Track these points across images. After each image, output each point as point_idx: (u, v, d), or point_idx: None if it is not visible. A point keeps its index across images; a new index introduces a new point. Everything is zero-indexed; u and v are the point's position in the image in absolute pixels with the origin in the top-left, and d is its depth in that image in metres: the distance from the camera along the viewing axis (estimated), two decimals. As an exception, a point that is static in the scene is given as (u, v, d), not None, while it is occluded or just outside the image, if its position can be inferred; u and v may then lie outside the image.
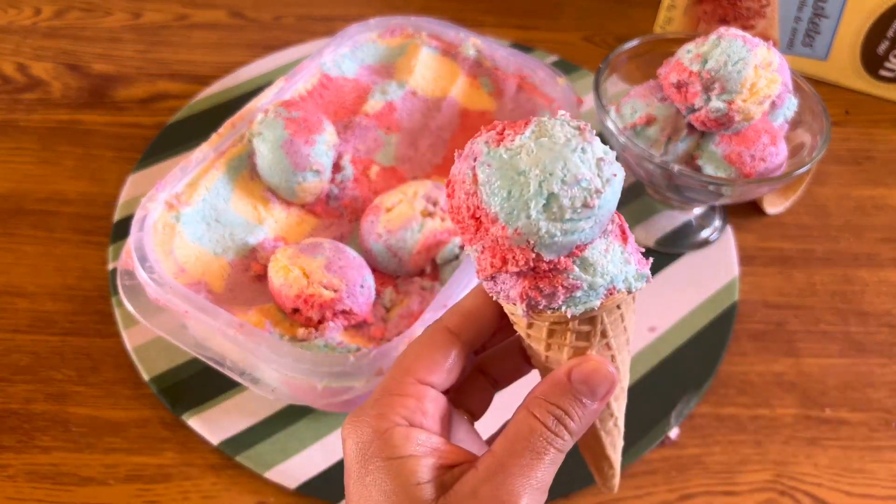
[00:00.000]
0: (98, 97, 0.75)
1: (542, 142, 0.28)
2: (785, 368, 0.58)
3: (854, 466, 0.53)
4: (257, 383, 0.48)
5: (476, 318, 0.34)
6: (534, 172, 0.28)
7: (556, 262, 0.29)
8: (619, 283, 0.30)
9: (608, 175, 0.28)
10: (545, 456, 0.30)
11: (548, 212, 0.28)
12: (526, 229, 0.28)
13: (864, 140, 0.77)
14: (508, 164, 0.28)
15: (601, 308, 0.30)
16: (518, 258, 0.29)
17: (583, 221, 0.28)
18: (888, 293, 0.64)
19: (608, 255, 0.30)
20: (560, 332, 0.31)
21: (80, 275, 0.60)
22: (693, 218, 0.67)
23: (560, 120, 0.29)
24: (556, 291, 0.29)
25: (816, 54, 0.81)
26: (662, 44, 0.62)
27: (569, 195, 0.28)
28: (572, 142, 0.28)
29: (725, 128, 0.54)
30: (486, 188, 0.28)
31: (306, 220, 0.59)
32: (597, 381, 0.31)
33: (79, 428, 0.52)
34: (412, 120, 0.67)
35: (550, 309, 0.30)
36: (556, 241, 0.28)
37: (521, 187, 0.28)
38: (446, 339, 0.34)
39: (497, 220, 0.28)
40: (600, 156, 0.29)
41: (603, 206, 0.28)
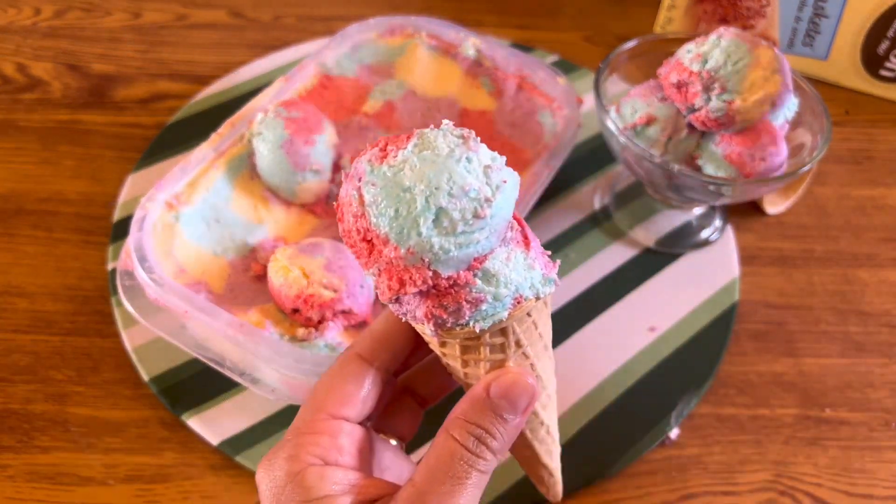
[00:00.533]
0: (98, 97, 0.75)
1: (424, 155, 0.27)
2: (785, 368, 0.58)
3: (854, 466, 0.53)
4: (257, 383, 0.48)
5: (388, 341, 0.33)
6: (419, 188, 0.27)
7: (455, 277, 0.28)
8: (525, 290, 0.30)
9: (497, 182, 0.28)
10: (467, 480, 0.29)
11: (438, 227, 0.27)
12: (419, 247, 0.27)
13: (865, 140, 0.77)
14: (393, 182, 0.27)
15: (510, 318, 0.30)
16: (415, 278, 0.28)
17: (476, 233, 0.27)
18: (888, 293, 0.64)
19: (510, 263, 0.29)
20: (474, 347, 0.30)
21: (80, 275, 0.60)
22: (693, 218, 0.67)
23: (443, 130, 0.28)
24: (461, 307, 0.29)
25: (817, 54, 0.81)
26: (663, 44, 0.62)
27: (458, 207, 0.27)
28: (456, 152, 0.27)
29: (726, 128, 0.54)
30: (373, 209, 0.27)
31: (306, 219, 0.59)
32: (516, 394, 0.30)
33: (79, 428, 0.52)
34: (412, 120, 0.67)
35: (459, 325, 0.29)
36: (451, 255, 0.27)
37: (408, 204, 0.27)
38: (358, 367, 0.33)
39: (388, 240, 0.27)
40: (487, 163, 0.28)
41: (496, 214, 0.28)
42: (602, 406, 0.54)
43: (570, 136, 0.60)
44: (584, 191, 0.68)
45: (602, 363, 0.56)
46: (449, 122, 0.29)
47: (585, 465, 0.51)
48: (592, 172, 0.70)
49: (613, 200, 0.67)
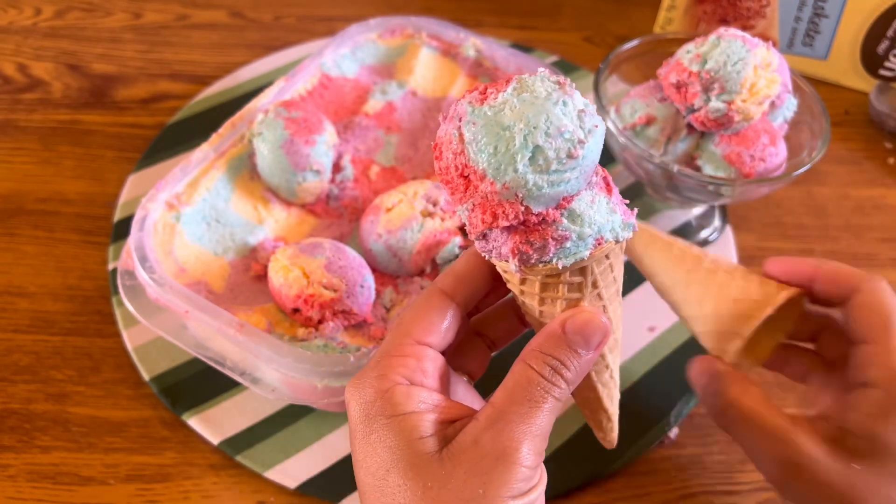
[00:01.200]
0: (98, 97, 0.75)
1: (524, 97, 0.29)
2: (784, 368, 0.58)
3: (853, 466, 0.53)
4: (257, 383, 0.48)
5: (469, 279, 0.35)
6: (518, 127, 0.28)
7: (544, 214, 0.30)
8: (606, 232, 0.31)
9: (590, 126, 0.29)
10: (544, 404, 0.31)
11: (534, 164, 0.28)
12: (514, 183, 0.29)
13: (864, 140, 0.77)
14: (493, 121, 0.29)
15: (591, 258, 0.31)
16: (508, 212, 0.29)
17: (568, 172, 0.29)
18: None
19: (594, 205, 0.31)
20: (552, 285, 0.32)
21: (81, 275, 0.60)
22: (693, 218, 0.67)
23: (540, 76, 0.30)
24: (547, 244, 0.30)
25: (816, 54, 0.81)
26: (662, 44, 0.62)
27: (553, 147, 0.28)
28: (553, 95, 0.29)
29: (725, 128, 0.54)
30: (472, 146, 0.29)
31: (306, 220, 0.59)
32: (590, 331, 0.32)
33: (79, 428, 0.52)
34: (412, 120, 0.67)
35: (542, 262, 0.31)
36: (543, 192, 0.29)
37: (507, 142, 0.28)
38: (441, 300, 0.35)
39: (485, 176, 0.29)
40: (581, 108, 0.29)
41: (587, 156, 0.29)
42: (602, 406, 0.54)
43: (570, 137, 0.60)
44: (583, 191, 0.68)
45: (602, 363, 0.57)
46: (544, 69, 0.30)
47: (585, 464, 0.51)
48: (592, 172, 0.70)
49: (613, 200, 0.67)
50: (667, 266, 0.45)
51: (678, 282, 0.44)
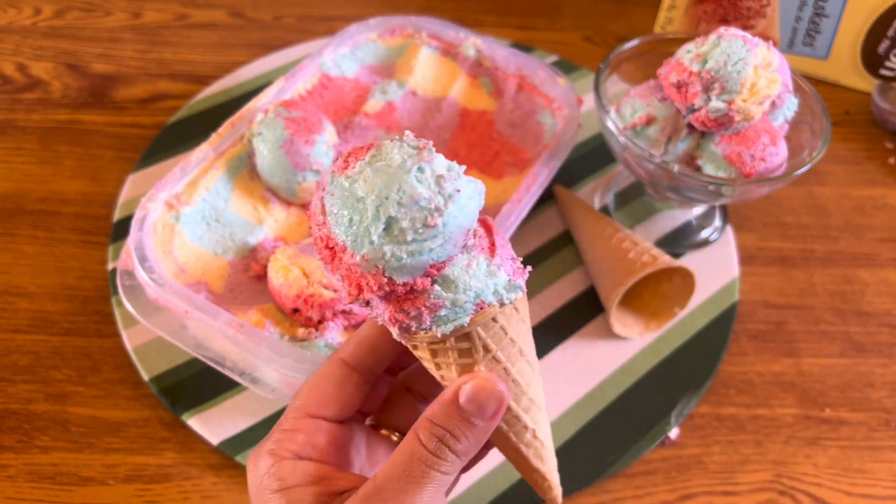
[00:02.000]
0: (98, 97, 0.75)
1: (377, 166, 0.28)
2: (785, 368, 0.58)
3: (854, 466, 0.53)
4: (257, 383, 0.48)
5: (372, 345, 0.35)
6: (370, 198, 0.28)
7: (412, 283, 0.29)
8: (487, 296, 0.30)
9: (450, 191, 0.28)
10: (424, 481, 0.30)
11: (389, 235, 0.28)
12: (371, 255, 0.28)
13: (865, 140, 0.77)
14: (348, 192, 0.28)
15: (472, 324, 0.30)
16: (371, 284, 0.29)
17: (428, 241, 0.28)
18: (888, 293, 0.64)
19: (471, 269, 0.30)
20: (441, 350, 0.31)
21: (80, 275, 0.60)
22: (693, 218, 0.67)
23: (400, 142, 0.29)
24: (421, 312, 0.30)
25: (817, 54, 0.81)
26: (663, 44, 0.62)
27: (408, 217, 0.28)
28: (408, 162, 0.28)
29: (725, 128, 0.54)
30: (332, 217, 0.29)
31: (306, 220, 0.59)
32: (483, 399, 0.30)
33: (79, 428, 0.52)
34: (412, 120, 0.67)
35: (422, 330, 0.30)
36: (404, 263, 0.28)
37: (361, 213, 0.28)
38: (340, 371, 0.34)
39: (346, 248, 0.29)
40: (441, 173, 0.29)
41: (449, 222, 0.28)
42: (602, 406, 0.54)
43: (570, 136, 0.60)
44: (584, 191, 0.68)
45: (601, 363, 0.57)
46: (410, 133, 0.30)
47: (585, 465, 0.51)
48: (592, 172, 0.70)
49: (614, 200, 0.67)
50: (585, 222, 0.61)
51: (590, 236, 0.60)
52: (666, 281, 0.59)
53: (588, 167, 0.70)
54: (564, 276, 0.62)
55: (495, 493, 0.49)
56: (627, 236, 0.58)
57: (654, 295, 0.59)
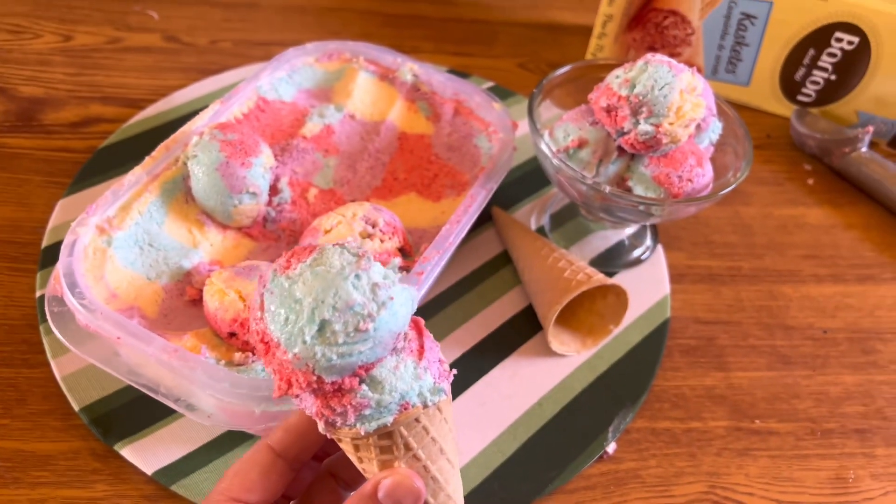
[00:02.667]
0: (26, 121, 0.73)
1: (317, 270, 0.30)
2: (716, 382, 0.60)
3: (783, 475, 0.55)
4: (193, 410, 0.47)
5: (300, 433, 0.36)
6: (307, 300, 0.29)
7: (340, 382, 0.30)
8: (412, 398, 0.32)
9: (384, 299, 0.30)
10: None
11: (322, 337, 0.29)
12: (303, 354, 0.29)
13: (785, 162, 0.81)
14: (287, 292, 0.30)
15: (395, 423, 0.32)
16: (300, 381, 0.30)
17: (359, 344, 0.30)
18: (810, 307, 0.66)
19: (398, 371, 0.31)
20: (364, 446, 0.33)
21: (6, 303, 0.58)
22: (626, 238, 0.68)
23: (342, 248, 0.31)
24: (346, 410, 0.31)
25: (739, 80, 0.84)
26: (593, 69, 0.64)
27: (341, 321, 0.29)
28: (346, 269, 0.30)
29: (654, 150, 0.56)
30: (269, 314, 0.30)
31: (243, 243, 0.59)
32: (400, 495, 0.32)
33: (4, 462, 0.50)
34: (350, 143, 0.67)
35: (346, 426, 0.31)
36: (333, 364, 0.30)
37: (297, 314, 0.29)
38: (266, 457, 0.35)
39: (280, 344, 0.30)
40: (376, 281, 0.30)
41: (380, 327, 0.30)
42: (542, 423, 0.55)
43: (506, 159, 0.62)
44: (521, 212, 0.70)
45: (540, 380, 0.57)
46: (351, 240, 0.32)
47: (525, 483, 0.52)
48: (529, 195, 0.71)
49: (549, 221, 0.69)
50: (522, 242, 0.63)
51: (527, 256, 0.62)
52: (601, 299, 0.60)
53: (524, 189, 0.72)
54: (503, 295, 0.63)
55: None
56: (563, 256, 0.60)
57: (589, 313, 0.61)
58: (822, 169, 0.81)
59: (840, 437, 0.58)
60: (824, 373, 0.62)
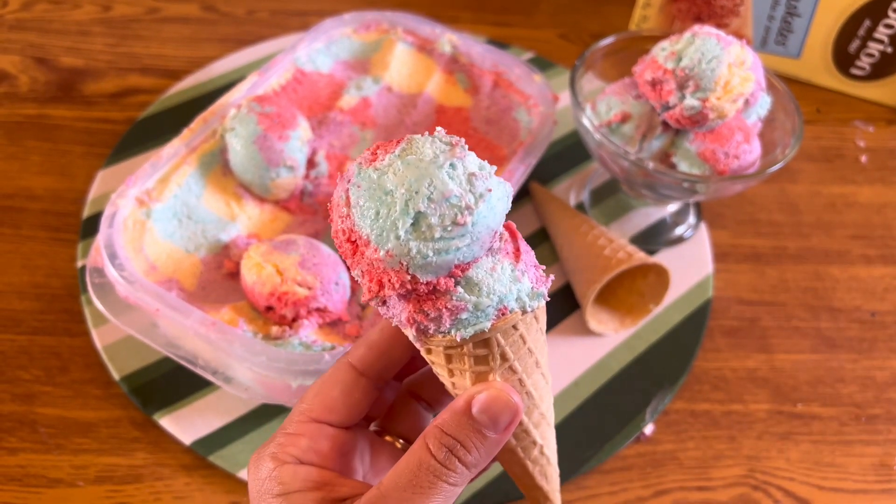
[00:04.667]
0: (66, 91, 0.73)
1: (408, 160, 0.27)
2: (758, 364, 0.59)
3: (825, 460, 0.54)
4: (230, 382, 0.47)
5: (383, 350, 0.34)
6: (400, 191, 0.27)
7: (435, 283, 0.28)
8: (510, 302, 0.29)
9: (481, 190, 0.28)
10: (431, 491, 0.29)
11: (416, 231, 0.27)
12: (397, 250, 0.27)
13: (835, 138, 0.78)
14: (377, 184, 0.27)
15: (493, 329, 0.29)
16: (393, 281, 0.28)
17: (456, 240, 0.27)
18: (858, 289, 0.64)
19: (495, 273, 0.29)
20: (457, 356, 0.30)
21: (49, 272, 0.59)
22: (668, 215, 0.67)
23: (431, 137, 0.29)
24: (442, 314, 0.29)
25: (789, 52, 0.81)
26: (638, 41, 0.62)
27: (437, 213, 0.27)
28: (440, 158, 0.28)
29: (700, 125, 0.54)
30: (357, 210, 0.28)
31: (280, 216, 0.58)
32: (497, 410, 0.30)
33: (47, 429, 0.51)
34: (387, 116, 0.66)
35: (440, 333, 0.29)
36: (429, 261, 0.27)
37: (389, 207, 0.27)
38: (348, 375, 0.33)
39: (369, 242, 0.28)
40: (472, 171, 0.28)
41: (478, 222, 0.28)
42: (578, 402, 0.54)
43: (546, 134, 0.60)
44: (559, 188, 0.68)
45: (577, 359, 0.57)
46: (442, 129, 0.29)
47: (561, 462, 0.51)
48: (568, 170, 0.70)
49: (589, 197, 0.68)
50: (561, 219, 0.62)
51: (566, 233, 0.61)
52: (641, 278, 0.59)
53: (564, 164, 0.70)
54: (540, 273, 0.62)
55: (471, 489, 0.49)
56: (603, 233, 0.58)
57: (629, 292, 0.60)
58: (876, 145, 0.78)
59: (886, 423, 0.56)
60: (871, 357, 0.60)
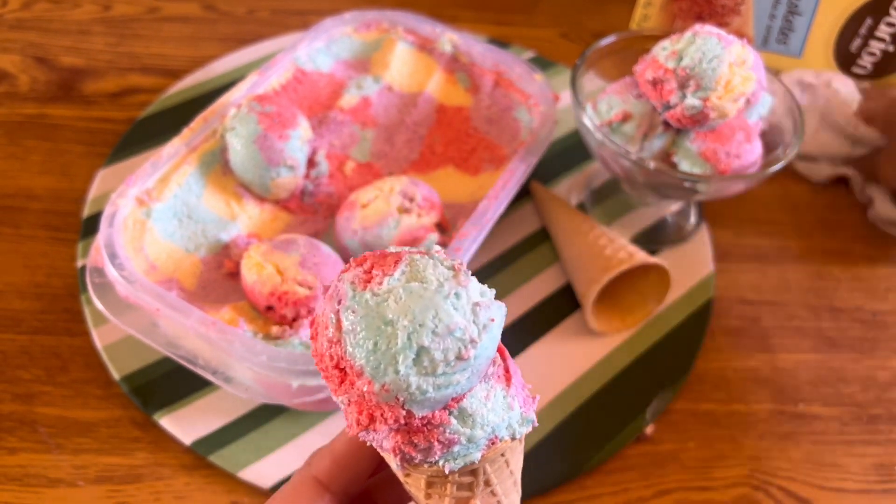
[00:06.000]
0: (66, 91, 0.73)
1: (411, 287, 0.26)
2: (759, 364, 0.59)
3: (827, 461, 0.54)
4: (230, 382, 0.47)
5: (350, 463, 0.31)
6: (402, 323, 0.25)
7: (430, 416, 0.26)
8: (501, 431, 0.28)
9: (485, 321, 0.26)
10: None
11: (418, 366, 0.25)
12: (394, 385, 0.25)
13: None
14: (375, 312, 0.25)
15: (483, 460, 0.28)
16: (387, 416, 0.26)
17: (458, 374, 0.26)
18: (859, 289, 0.64)
19: (489, 402, 0.28)
20: (440, 483, 0.29)
21: (49, 272, 0.59)
22: (669, 215, 0.67)
23: (433, 259, 0.27)
24: (432, 446, 0.27)
25: (791, 51, 0.81)
26: (639, 41, 0.62)
27: (441, 348, 0.25)
28: (445, 287, 0.26)
29: (701, 125, 0.54)
30: (350, 337, 0.26)
31: (280, 216, 0.58)
32: None
33: (47, 428, 0.51)
34: (388, 115, 0.66)
35: (428, 463, 0.28)
36: (428, 396, 0.26)
37: (389, 339, 0.25)
38: (313, 492, 0.30)
39: (363, 373, 0.25)
40: (476, 300, 0.26)
41: (480, 354, 0.26)
42: (579, 402, 0.54)
43: (547, 133, 0.60)
44: (560, 187, 0.68)
45: (578, 359, 0.56)
46: (440, 248, 0.28)
47: (562, 462, 0.51)
48: (569, 169, 0.70)
49: (590, 197, 0.67)
50: (562, 218, 0.62)
51: (566, 233, 0.61)
52: (642, 278, 0.59)
53: (564, 164, 0.70)
54: (541, 272, 0.62)
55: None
56: (604, 233, 0.58)
57: (629, 291, 0.60)
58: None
59: (887, 423, 0.56)
60: (873, 357, 0.60)
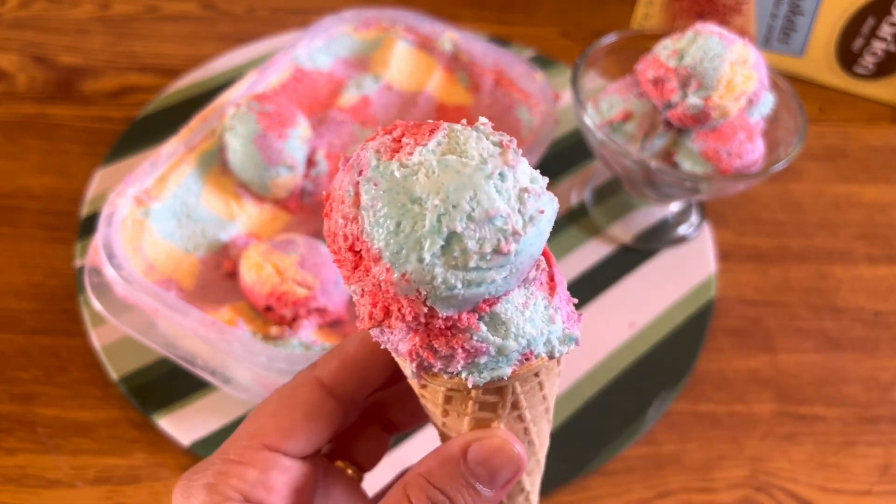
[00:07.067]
0: (65, 90, 0.73)
1: (448, 160, 0.21)
2: (761, 365, 0.58)
3: (829, 462, 0.53)
4: (229, 382, 0.47)
5: (359, 368, 0.28)
6: (432, 202, 0.21)
7: (455, 318, 0.22)
8: (538, 346, 0.24)
9: (532, 211, 0.22)
10: None
11: (446, 256, 0.21)
12: (416, 276, 0.21)
13: (839, 137, 0.78)
14: (401, 186, 0.21)
15: (513, 377, 0.24)
16: (405, 311, 0.22)
17: (493, 271, 0.22)
18: (862, 289, 0.64)
19: (527, 311, 0.23)
20: (460, 399, 0.25)
21: (47, 272, 0.58)
22: (670, 214, 0.66)
23: (478, 131, 0.23)
24: (455, 354, 0.23)
25: (792, 51, 0.81)
26: (640, 39, 0.61)
27: (476, 236, 0.21)
28: (489, 164, 0.22)
29: (702, 124, 0.54)
30: (369, 214, 0.22)
31: (279, 216, 0.58)
32: (498, 465, 0.24)
33: (45, 429, 0.50)
34: (388, 114, 0.66)
35: (447, 373, 0.24)
36: (455, 293, 0.21)
37: (415, 220, 0.21)
38: (314, 394, 0.27)
39: (380, 258, 0.21)
40: (525, 185, 0.22)
41: (522, 251, 0.22)
42: (580, 403, 0.54)
43: (548, 132, 0.60)
44: (561, 187, 0.68)
45: (580, 360, 0.56)
46: (487, 121, 0.23)
47: (563, 463, 0.51)
48: (569, 168, 0.70)
49: (591, 197, 0.67)
50: None
51: None
52: None
53: (565, 163, 0.70)
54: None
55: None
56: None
57: None
58: (880, 144, 0.77)
59: (889, 423, 0.56)
60: (875, 357, 0.60)
